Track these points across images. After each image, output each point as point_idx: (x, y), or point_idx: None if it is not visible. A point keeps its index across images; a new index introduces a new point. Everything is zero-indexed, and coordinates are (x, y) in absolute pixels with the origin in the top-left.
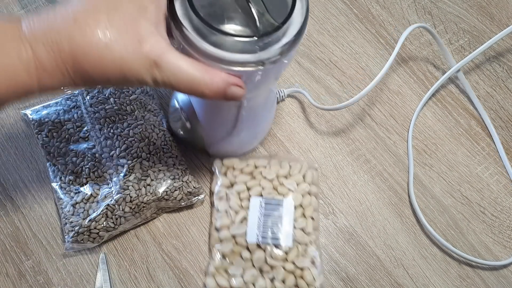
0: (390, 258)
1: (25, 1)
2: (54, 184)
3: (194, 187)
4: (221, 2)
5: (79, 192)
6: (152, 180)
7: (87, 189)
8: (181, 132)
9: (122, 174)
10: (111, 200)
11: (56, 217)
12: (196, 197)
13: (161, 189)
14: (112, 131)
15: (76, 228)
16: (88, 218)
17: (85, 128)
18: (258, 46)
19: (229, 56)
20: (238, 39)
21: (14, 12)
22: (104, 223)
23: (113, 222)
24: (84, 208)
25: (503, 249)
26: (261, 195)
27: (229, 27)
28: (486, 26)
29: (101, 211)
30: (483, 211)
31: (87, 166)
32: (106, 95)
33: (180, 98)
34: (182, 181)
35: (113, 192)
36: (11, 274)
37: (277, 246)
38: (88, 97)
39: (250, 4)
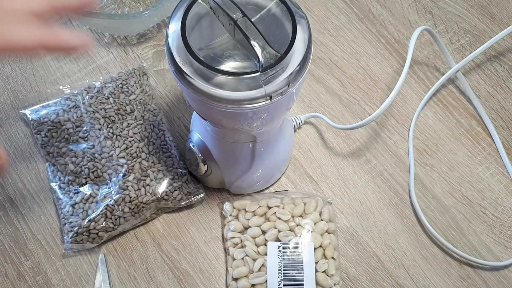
0: (391, 258)
1: None
2: (53, 184)
3: (193, 187)
4: (219, 42)
5: (78, 192)
6: (151, 180)
7: (86, 189)
8: (200, 174)
9: (121, 174)
10: (111, 201)
11: (55, 218)
12: (196, 197)
13: (160, 189)
14: (111, 131)
15: (75, 228)
16: (88, 219)
17: (85, 128)
18: (263, 80)
19: (234, 95)
20: (241, 77)
21: None
22: (104, 223)
23: (112, 223)
24: (83, 208)
25: (504, 249)
26: (278, 239)
27: (231, 65)
28: (487, 26)
29: (101, 211)
30: (484, 212)
31: (87, 166)
32: (106, 95)
33: (194, 140)
34: (182, 181)
35: (113, 193)
36: (10, 275)
37: None
38: (87, 97)
39: (249, 39)
